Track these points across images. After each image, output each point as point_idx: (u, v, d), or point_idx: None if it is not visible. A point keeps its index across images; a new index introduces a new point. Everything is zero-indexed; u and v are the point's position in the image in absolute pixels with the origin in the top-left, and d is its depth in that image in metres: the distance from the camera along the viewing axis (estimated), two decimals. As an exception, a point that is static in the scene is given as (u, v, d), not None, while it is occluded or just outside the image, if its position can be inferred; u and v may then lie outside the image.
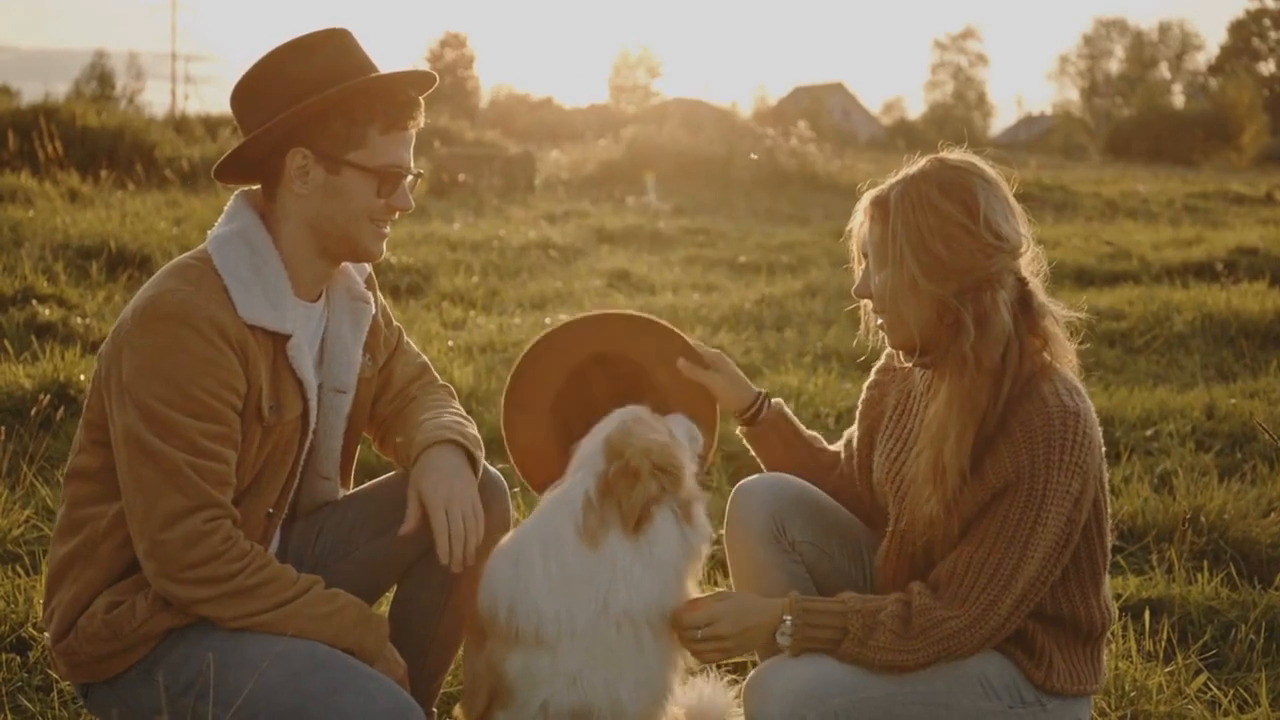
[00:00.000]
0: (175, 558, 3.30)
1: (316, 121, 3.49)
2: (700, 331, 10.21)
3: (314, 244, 3.60)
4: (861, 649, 3.43)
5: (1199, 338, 10.73)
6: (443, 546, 3.55)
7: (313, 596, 3.45)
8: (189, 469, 3.30)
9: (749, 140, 29.10)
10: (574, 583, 3.46)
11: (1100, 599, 3.59)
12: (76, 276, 11.16)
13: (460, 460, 3.70)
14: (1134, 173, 38.53)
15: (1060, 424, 3.36)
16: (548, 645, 3.45)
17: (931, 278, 3.44)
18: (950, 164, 3.54)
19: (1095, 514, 3.52)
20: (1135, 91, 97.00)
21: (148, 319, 3.36)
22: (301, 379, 3.58)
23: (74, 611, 3.46)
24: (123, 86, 73.78)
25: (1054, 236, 17.39)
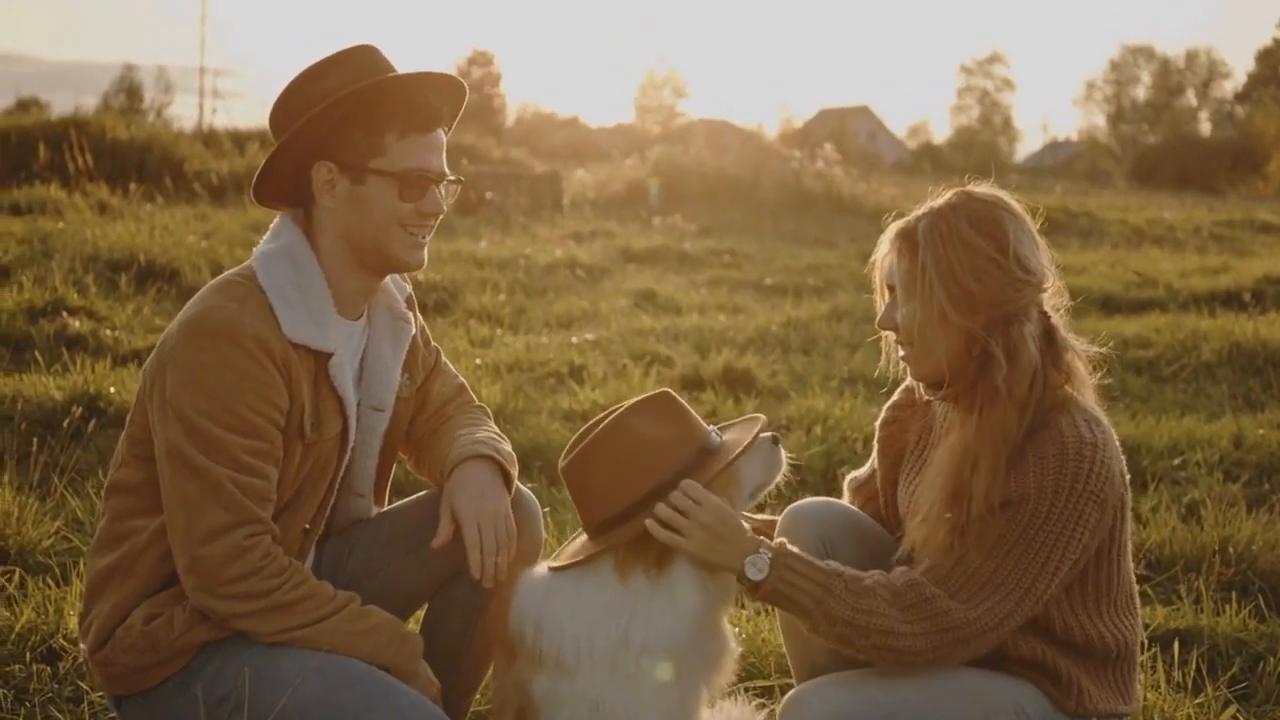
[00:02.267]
0: (215, 573, 3.32)
1: (336, 132, 3.51)
2: (726, 353, 10.21)
3: (351, 257, 3.61)
4: (854, 613, 3.38)
5: (1226, 367, 10.69)
6: (474, 560, 3.56)
7: (349, 613, 3.46)
8: (231, 485, 3.32)
9: (775, 162, 29.10)
10: (598, 611, 3.47)
11: (1108, 620, 3.57)
12: (106, 289, 11.21)
13: (494, 475, 3.71)
14: (1160, 200, 38.37)
15: (1075, 455, 3.38)
16: (568, 670, 3.46)
17: (961, 311, 3.45)
18: (978, 197, 3.56)
19: (1110, 540, 3.52)
20: (1161, 118, 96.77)
21: (193, 335, 3.39)
22: (342, 397, 3.60)
23: (112, 623, 3.48)
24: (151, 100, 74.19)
25: (1080, 263, 17.35)
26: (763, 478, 3.67)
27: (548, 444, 7.63)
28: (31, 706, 4.25)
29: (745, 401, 8.94)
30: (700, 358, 10.31)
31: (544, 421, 8.18)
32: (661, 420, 3.54)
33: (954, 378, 3.56)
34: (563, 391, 9.26)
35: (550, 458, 7.44)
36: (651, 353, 10.55)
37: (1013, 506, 3.39)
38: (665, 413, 3.56)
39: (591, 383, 9.39)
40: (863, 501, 4.10)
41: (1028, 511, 3.37)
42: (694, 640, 3.48)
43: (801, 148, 31.55)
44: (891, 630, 3.39)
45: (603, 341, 11.07)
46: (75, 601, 4.84)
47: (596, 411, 8.36)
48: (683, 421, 3.58)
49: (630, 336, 11.33)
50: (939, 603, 3.39)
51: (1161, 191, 47.51)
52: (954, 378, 3.56)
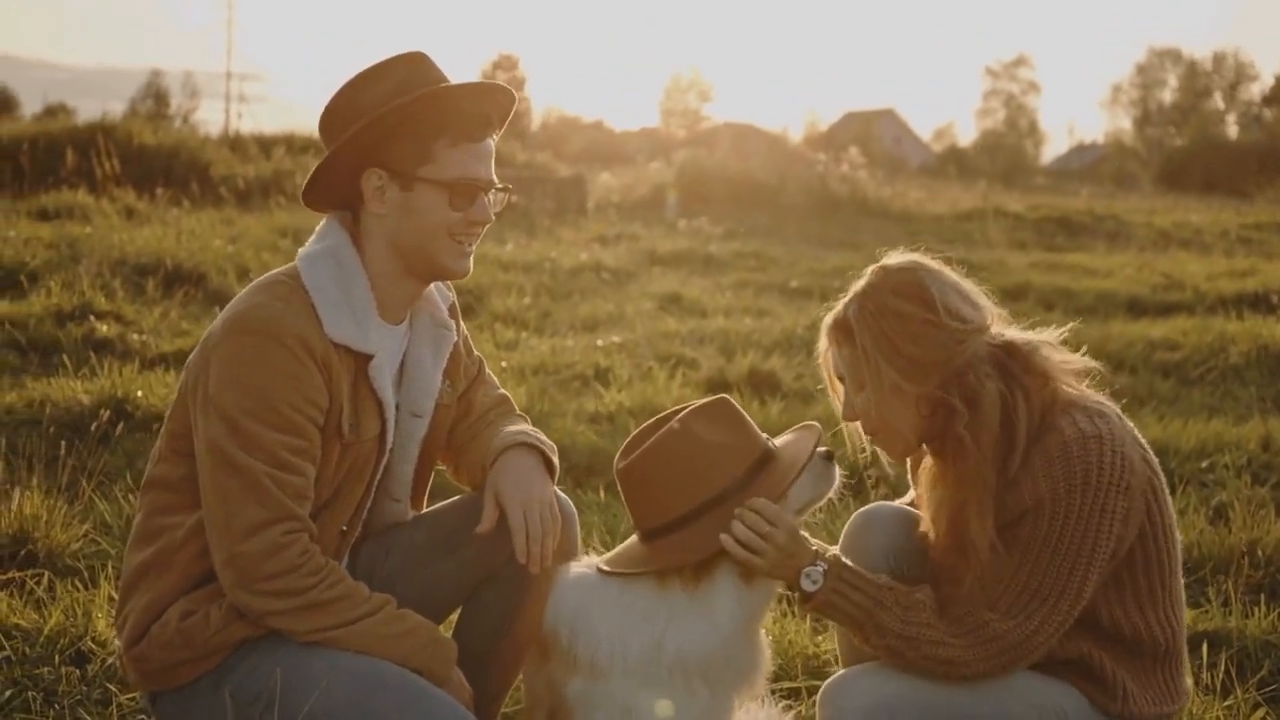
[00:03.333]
0: (252, 569, 3.33)
1: (386, 140, 3.52)
2: (752, 356, 10.20)
3: (399, 263, 3.62)
4: (904, 625, 3.41)
5: (1254, 369, 10.67)
6: (520, 545, 3.58)
7: (384, 616, 3.46)
8: (270, 481, 3.34)
9: (800, 165, 29.10)
10: (634, 617, 3.47)
11: (1161, 614, 3.55)
12: (133, 293, 11.26)
13: (537, 462, 3.74)
14: (1187, 203, 38.29)
15: (1080, 450, 3.38)
16: (601, 674, 3.46)
17: (913, 379, 3.49)
18: (894, 268, 3.60)
19: (1150, 527, 3.50)
20: (1188, 121, 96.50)
21: (236, 332, 3.41)
22: (381, 399, 3.61)
23: (148, 619, 3.49)
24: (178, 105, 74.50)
25: (1106, 266, 17.34)
26: (813, 493, 3.66)
27: (573, 446, 7.63)
28: (60, 709, 4.27)
29: (770, 404, 8.93)
30: (725, 360, 10.31)
31: (569, 424, 8.19)
32: (722, 427, 3.54)
33: (928, 440, 3.62)
34: (588, 394, 9.26)
35: (576, 460, 7.44)
36: (677, 355, 10.55)
37: (1032, 515, 3.39)
38: (725, 419, 3.56)
39: (617, 385, 9.39)
40: None
41: (1046, 517, 3.37)
42: (727, 653, 3.48)
43: (826, 151, 31.60)
44: (941, 641, 3.40)
45: (628, 344, 11.07)
46: (104, 604, 4.86)
47: (622, 414, 8.38)
48: (742, 429, 3.58)
49: (655, 339, 11.33)
50: (980, 615, 3.41)
51: (1188, 195, 47.38)
52: (928, 440, 3.62)
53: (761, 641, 3.62)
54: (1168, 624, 3.57)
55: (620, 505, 6.44)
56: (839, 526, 5.70)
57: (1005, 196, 34.34)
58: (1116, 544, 3.42)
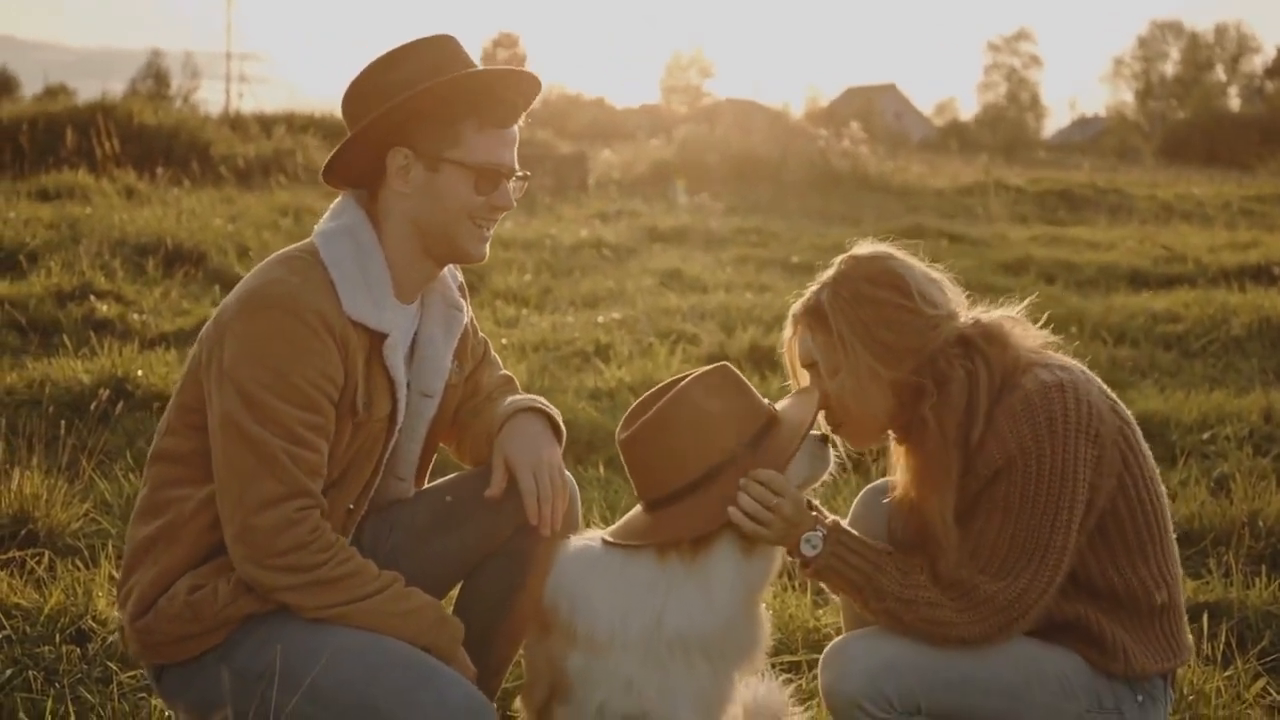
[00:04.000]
0: (264, 544, 3.34)
1: (414, 119, 3.52)
2: (752, 331, 10.19)
3: (417, 244, 3.63)
4: (902, 588, 3.44)
5: (1256, 341, 10.68)
6: (531, 507, 3.61)
7: (392, 593, 3.47)
8: (285, 456, 3.34)
9: (801, 141, 29.04)
10: (633, 592, 3.46)
11: (1154, 568, 3.55)
12: (133, 273, 11.26)
13: (545, 426, 3.77)
14: (1189, 176, 38.23)
15: (1043, 400, 3.41)
16: (601, 649, 3.45)
17: (889, 364, 3.52)
18: (865, 257, 3.64)
19: (1130, 478, 3.51)
20: (1190, 94, 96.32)
21: (253, 306, 3.41)
22: (393, 378, 3.61)
23: (154, 592, 3.48)
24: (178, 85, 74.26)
25: (1108, 239, 17.33)
26: (809, 473, 3.65)
27: (574, 422, 7.62)
28: (61, 687, 4.27)
29: (771, 379, 8.91)
30: (726, 336, 10.30)
31: (570, 400, 8.18)
32: (722, 394, 3.53)
33: (896, 427, 3.64)
34: (589, 370, 9.26)
35: (576, 436, 7.44)
36: (678, 331, 10.54)
37: (1005, 473, 3.41)
38: (726, 387, 3.55)
39: (617, 361, 9.39)
40: None
41: (1019, 471, 3.39)
42: (726, 629, 3.47)
43: (828, 126, 31.46)
44: (937, 604, 3.43)
45: (629, 320, 11.06)
46: (104, 584, 4.87)
47: (622, 390, 8.38)
48: (742, 396, 3.57)
49: (656, 315, 11.31)
50: (971, 579, 3.42)
51: (1190, 167, 47.32)
52: (896, 427, 3.64)
53: (762, 616, 3.61)
54: (1161, 579, 3.57)
55: (621, 481, 6.46)
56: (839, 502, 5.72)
57: (1007, 170, 34.30)
58: (1092, 493, 3.44)
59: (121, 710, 4.17)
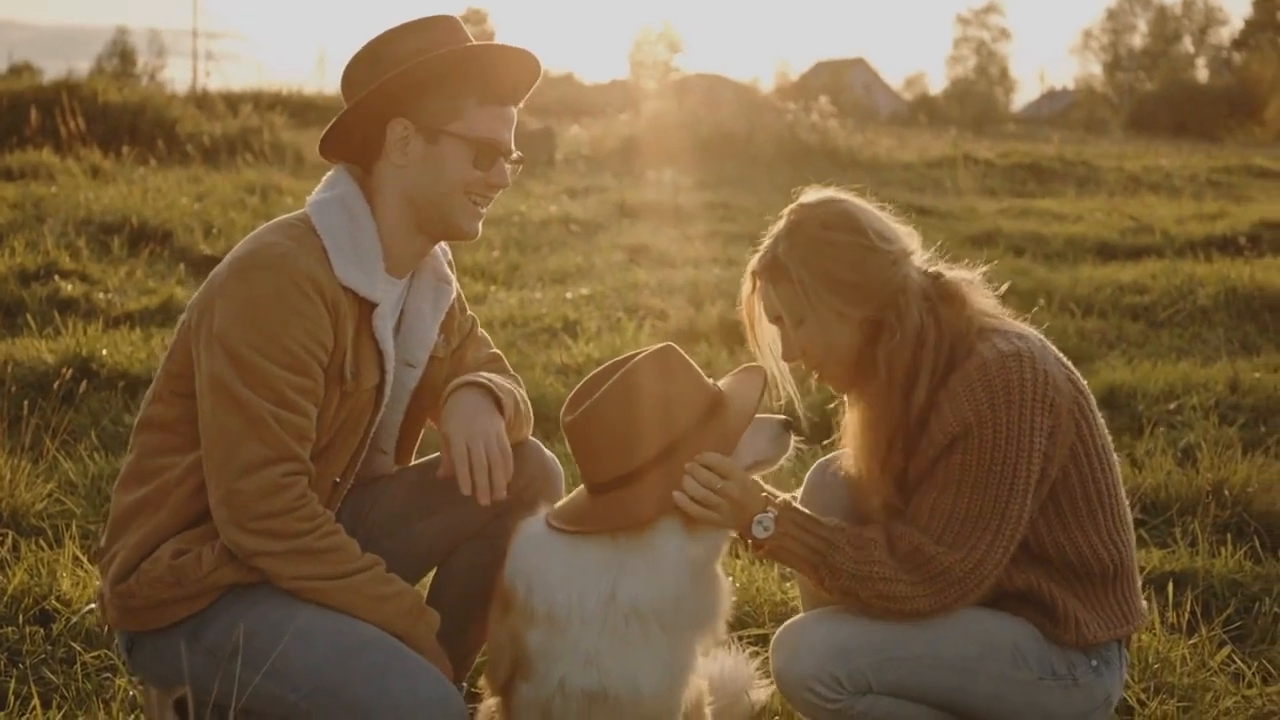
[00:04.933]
0: (248, 507, 3.33)
1: (416, 91, 3.52)
2: (721, 305, 10.19)
3: (411, 218, 3.62)
4: (855, 564, 3.41)
5: (1222, 311, 10.72)
6: (463, 476, 3.56)
7: (372, 576, 3.46)
8: (272, 419, 3.34)
9: (769, 115, 29.01)
10: (589, 568, 3.45)
11: (1105, 535, 3.56)
12: (98, 252, 11.21)
13: (482, 398, 3.71)
14: (1157, 147, 38.28)
15: (999, 369, 3.40)
16: (559, 625, 3.45)
17: (855, 304, 3.51)
18: (814, 203, 3.64)
19: (1083, 446, 3.52)
20: (1158, 66, 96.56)
21: (245, 269, 3.40)
22: (382, 349, 3.60)
23: (138, 556, 3.47)
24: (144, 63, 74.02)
25: (1076, 211, 17.37)
26: (766, 454, 3.60)
27: (542, 399, 7.60)
28: (24, 668, 4.26)
29: (739, 353, 8.93)
30: (695, 310, 10.30)
31: (538, 376, 8.17)
32: (668, 378, 3.49)
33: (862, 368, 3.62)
34: (557, 346, 9.25)
35: (544, 412, 7.41)
36: (646, 306, 10.54)
37: (961, 440, 3.41)
38: (671, 369, 3.51)
39: (585, 337, 9.38)
40: None
41: (975, 440, 3.39)
42: (678, 599, 3.45)
43: (797, 100, 31.42)
44: (892, 578, 3.41)
45: (597, 296, 11.05)
46: (68, 564, 4.85)
47: (590, 366, 8.36)
48: (688, 378, 3.54)
49: (624, 290, 11.31)
50: (926, 550, 3.41)
51: (1158, 139, 47.43)
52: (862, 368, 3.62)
53: (718, 586, 3.58)
54: (1113, 545, 3.58)
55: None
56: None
57: (975, 144, 34.29)
58: (1045, 462, 3.44)
59: (86, 690, 4.16)
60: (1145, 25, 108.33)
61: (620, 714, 3.46)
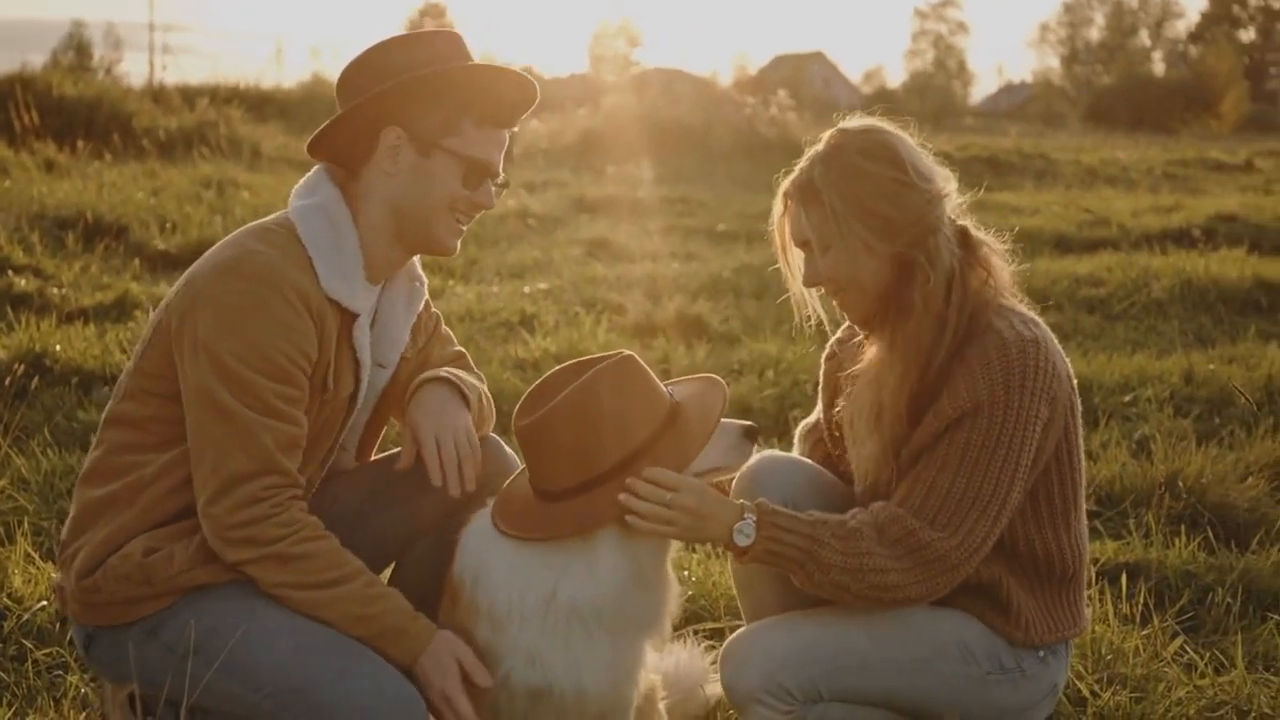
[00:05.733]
0: (225, 518, 3.31)
1: (414, 102, 3.50)
2: (679, 300, 10.19)
3: (392, 228, 3.60)
4: (845, 557, 3.36)
5: (1178, 304, 10.80)
6: (433, 470, 3.57)
7: (351, 591, 3.40)
8: (261, 430, 3.32)
9: (729, 109, 29.04)
10: (531, 566, 3.44)
11: (1073, 536, 3.59)
12: (53, 247, 11.14)
13: (450, 394, 3.71)
14: (1114, 140, 38.53)
15: (1019, 353, 3.38)
16: (500, 624, 3.44)
17: (884, 238, 3.45)
18: (856, 130, 3.58)
19: (1066, 445, 3.53)
20: (1115, 59, 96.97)
21: (230, 277, 3.37)
22: (359, 359, 3.60)
23: (105, 551, 3.44)
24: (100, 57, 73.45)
25: (1033, 204, 17.45)
26: (722, 463, 3.57)
27: (499, 393, 7.57)
28: (-26, 665, 4.22)
29: (697, 347, 8.94)
30: (653, 305, 10.30)
31: (495, 371, 8.15)
32: (624, 391, 3.45)
33: (888, 305, 3.55)
34: (514, 341, 9.23)
35: (502, 407, 7.31)
36: (604, 301, 10.54)
37: (970, 418, 3.38)
38: (630, 380, 3.48)
39: (543, 332, 9.37)
40: (811, 445, 4.08)
41: (984, 419, 3.37)
42: (617, 601, 3.43)
43: (756, 94, 31.46)
44: (883, 568, 3.37)
45: (555, 290, 11.05)
46: (20, 561, 4.81)
47: (548, 360, 8.35)
48: (645, 391, 3.50)
49: (583, 285, 11.31)
50: (921, 535, 3.37)
51: (1116, 132, 47.72)
52: (888, 305, 3.55)
53: (663, 588, 3.56)
54: (1077, 547, 3.61)
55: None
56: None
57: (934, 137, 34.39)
58: (1036, 454, 3.44)
59: (38, 687, 4.13)
60: (1102, 19, 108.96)
61: (566, 712, 3.46)
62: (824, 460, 4.00)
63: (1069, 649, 3.70)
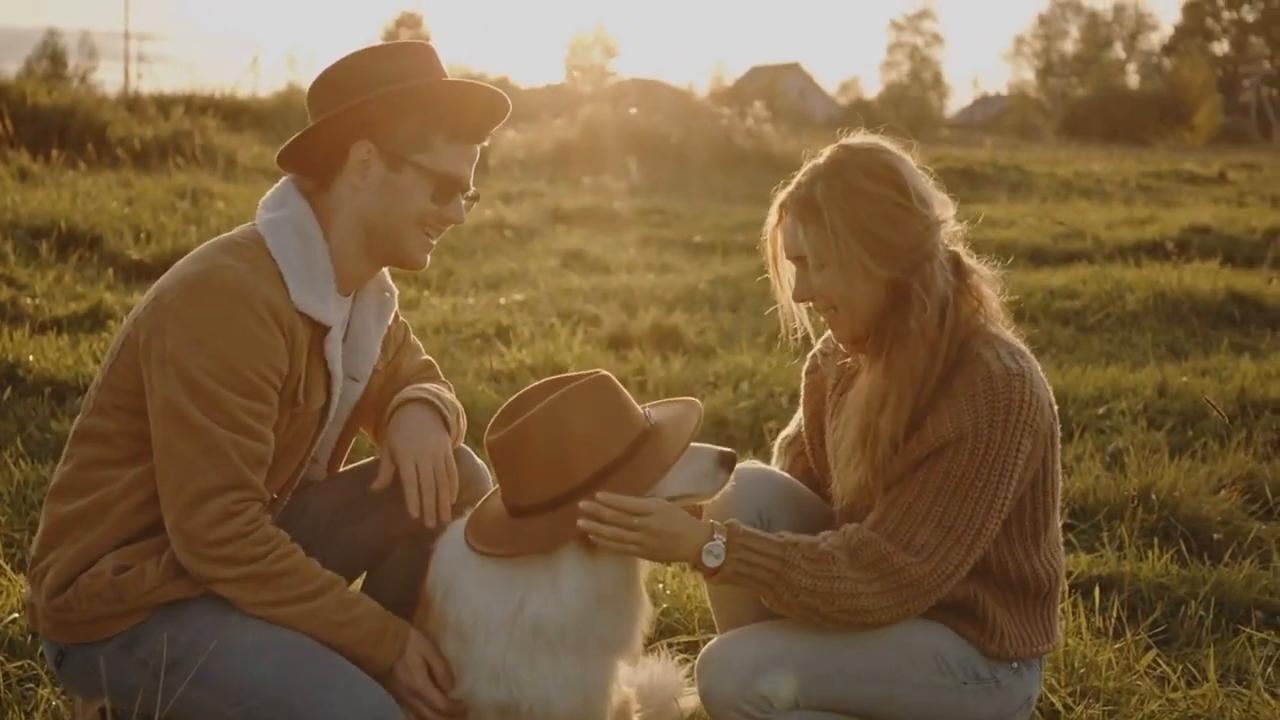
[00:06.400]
0: (201, 533, 3.30)
1: (386, 116, 3.49)
2: (654, 311, 10.20)
3: (361, 241, 3.59)
4: (815, 580, 3.35)
5: (1151, 316, 10.84)
6: (411, 498, 3.57)
7: (331, 600, 3.42)
8: (230, 446, 3.31)
9: (705, 120, 29.05)
10: (499, 581, 3.44)
11: (1044, 555, 3.59)
12: (26, 256, 11.10)
13: (431, 416, 3.71)
14: (1089, 152, 38.60)
15: (1005, 386, 3.37)
16: (466, 637, 3.45)
17: (882, 262, 3.43)
18: (860, 148, 3.56)
19: (1044, 470, 3.52)
20: (1090, 72, 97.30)
21: (200, 291, 3.36)
22: (331, 371, 3.59)
23: (75, 569, 3.42)
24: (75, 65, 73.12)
25: (1008, 216, 17.47)
26: (694, 489, 3.54)
27: (474, 405, 7.59)
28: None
29: (672, 360, 8.94)
30: (628, 316, 10.31)
31: (470, 383, 8.15)
32: (594, 411, 3.45)
33: (878, 328, 3.54)
34: (490, 352, 9.23)
35: (477, 419, 7.34)
36: (579, 312, 10.54)
37: (953, 447, 3.38)
38: (603, 399, 3.47)
39: (518, 343, 9.36)
40: (792, 458, 4.07)
41: (966, 450, 3.36)
42: (582, 620, 3.42)
43: (732, 105, 31.49)
44: (854, 593, 3.36)
45: (530, 302, 11.05)
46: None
47: (523, 372, 8.35)
48: (615, 413, 3.49)
49: (558, 296, 11.31)
50: (895, 559, 3.37)
51: (1090, 144, 47.82)
52: (878, 328, 3.54)
53: (632, 608, 3.55)
54: (1051, 565, 3.61)
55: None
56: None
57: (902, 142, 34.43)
58: (1018, 485, 3.44)
59: (8, 700, 4.11)
60: (1077, 31, 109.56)
61: None
62: (804, 473, 4.00)
63: (1042, 662, 3.71)
